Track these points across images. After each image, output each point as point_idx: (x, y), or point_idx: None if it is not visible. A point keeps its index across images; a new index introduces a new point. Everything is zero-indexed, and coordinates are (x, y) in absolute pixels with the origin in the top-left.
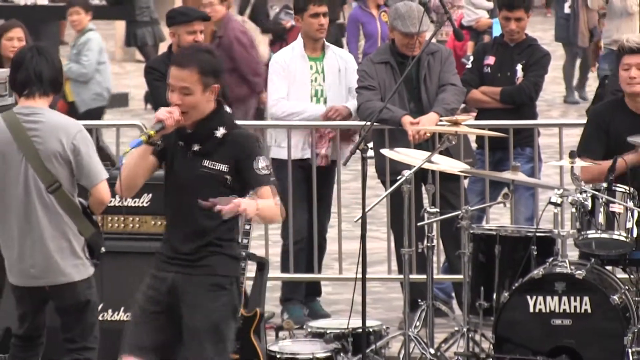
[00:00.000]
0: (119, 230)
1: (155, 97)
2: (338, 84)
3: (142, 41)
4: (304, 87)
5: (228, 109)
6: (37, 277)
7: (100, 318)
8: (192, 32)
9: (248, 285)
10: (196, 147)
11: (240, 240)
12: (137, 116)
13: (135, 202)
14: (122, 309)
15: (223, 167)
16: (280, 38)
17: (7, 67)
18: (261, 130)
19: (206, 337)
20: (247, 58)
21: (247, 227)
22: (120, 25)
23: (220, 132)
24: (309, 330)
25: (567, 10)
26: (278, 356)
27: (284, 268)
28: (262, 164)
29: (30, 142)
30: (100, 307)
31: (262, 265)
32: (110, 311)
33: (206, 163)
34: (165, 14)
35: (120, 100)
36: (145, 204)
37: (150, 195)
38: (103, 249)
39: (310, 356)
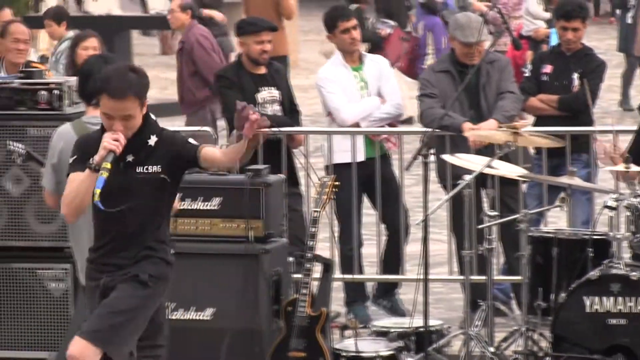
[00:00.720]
0: (190, 232)
1: (225, 104)
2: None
3: None
4: (354, 95)
5: (152, 116)
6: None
7: (171, 317)
8: (260, 42)
9: (314, 286)
10: (130, 158)
11: (306, 242)
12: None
13: (206, 205)
14: (192, 308)
15: (156, 168)
16: (377, 46)
17: None
18: (327, 135)
19: (104, 306)
20: (207, 61)
21: (313, 229)
22: None
23: (153, 140)
24: (373, 329)
25: (629, 20)
26: (343, 354)
27: (345, 270)
28: (190, 140)
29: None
30: (172, 307)
31: (328, 266)
32: (181, 310)
33: (139, 169)
34: (234, 24)
35: None
36: (215, 207)
37: (221, 198)
38: (173, 251)
39: (374, 354)
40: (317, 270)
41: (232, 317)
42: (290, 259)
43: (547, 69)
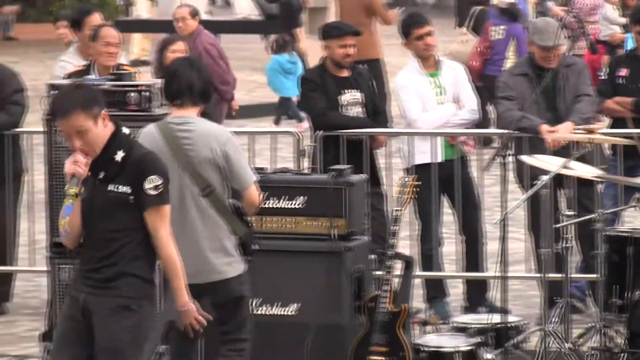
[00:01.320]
0: (275, 230)
1: (309, 107)
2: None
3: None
4: (430, 101)
5: (125, 130)
6: (192, 275)
7: (256, 312)
8: (344, 46)
9: (395, 283)
10: (101, 175)
11: (387, 240)
12: (292, 124)
13: (290, 204)
14: (277, 304)
15: (126, 189)
16: None
17: None
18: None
19: (103, 353)
20: (215, 68)
21: (394, 228)
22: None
23: (119, 155)
24: (453, 325)
25: None
26: (423, 349)
27: (425, 267)
28: (150, 185)
29: (183, 149)
30: (257, 302)
31: (409, 263)
32: (266, 306)
33: (111, 187)
34: (318, 28)
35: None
36: (299, 206)
37: (305, 197)
38: (256, 247)
39: (454, 349)
40: (398, 267)
41: (316, 313)
42: (372, 256)
43: (623, 72)
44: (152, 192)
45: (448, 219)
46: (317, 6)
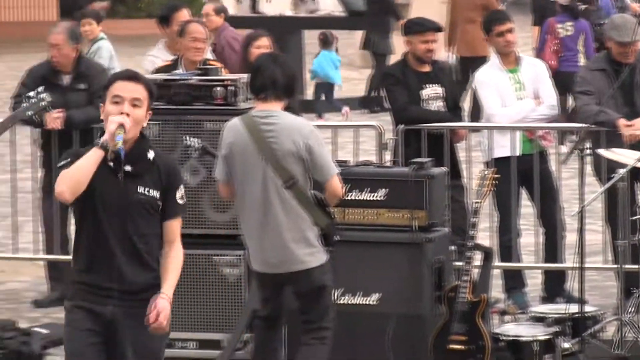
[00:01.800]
0: (358, 221)
1: (391, 100)
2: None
3: (377, 48)
4: (510, 97)
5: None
6: (275, 265)
7: (338, 302)
8: (426, 42)
9: (475, 273)
10: (128, 168)
11: (467, 232)
12: (375, 118)
13: (372, 196)
14: (359, 293)
15: (156, 194)
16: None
17: None
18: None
19: None
20: (237, 63)
21: (474, 219)
22: (359, 35)
23: (151, 154)
24: (531, 314)
25: None
26: (502, 338)
27: (504, 258)
28: (180, 194)
29: (267, 142)
30: (340, 292)
31: (488, 254)
32: (348, 295)
33: (141, 189)
34: (401, 24)
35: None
36: (381, 198)
37: (386, 190)
38: (338, 238)
39: (532, 338)
40: (477, 258)
41: (397, 302)
42: (452, 247)
43: None
44: (181, 202)
45: (526, 211)
46: (400, 2)
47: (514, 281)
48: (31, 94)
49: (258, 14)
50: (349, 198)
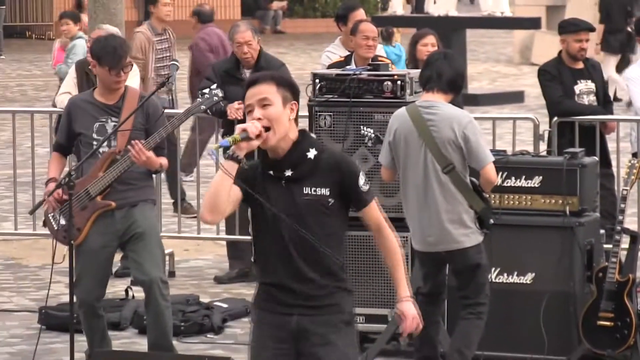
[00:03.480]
0: (514, 206)
1: (547, 95)
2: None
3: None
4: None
5: (312, 134)
6: (433, 244)
7: (495, 280)
8: (579, 40)
9: (622, 255)
10: (289, 173)
11: (616, 216)
12: (531, 111)
13: (527, 183)
14: (514, 273)
15: (325, 191)
16: None
17: None
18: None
19: None
20: (202, 61)
21: (622, 205)
22: (518, 34)
23: (312, 153)
24: None
25: None
26: None
27: None
28: (362, 180)
29: (428, 130)
30: (496, 272)
31: (635, 238)
32: (504, 275)
33: (307, 190)
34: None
35: (516, 98)
36: (536, 185)
37: (541, 177)
38: (492, 221)
39: None
40: (625, 241)
41: (550, 281)
42: (602, 231)
43: None
44: (366, 188)
45: None
46: (556, 4)
47: None
48: (205, 90)
49: (424, 14)
50: (506, 185)
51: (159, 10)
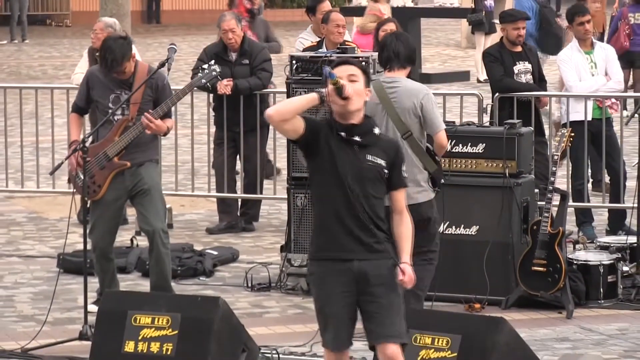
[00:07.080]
0: (461, 169)
1: (490, 74)
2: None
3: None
4: (585, 73)
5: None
6: None
7: (445, 232)
8: (517, 28)
9: (553, 211)
10: (357, 138)
11: (548, 178)
12: (476, 88)
13: (473, 149)
14: (462, 225)
15: (383, 162)
16: None
17: None
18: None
19: (398, 311)
20: None
21: (554, 168)
22: (465, 22)
23: (377, 130)
24: (598, 244)
25: None
26: (575, 262)
27: (576, 199)
28: (404, 167)
29: (390, 101)
30: (446, 225)
31: (564, 196)
32: (453, 227)
33: (370, 157)
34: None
35: (463, 76)
36: (480, 151)
37: (484, 144)
38: (443, 181)
39: (598, 263)
40: (556, 199)
41: (492, 233)
42: (536, 190)
43: None
44: (405, 174)
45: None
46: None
47: (585, 217)
48: (205, 66)
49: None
50: (455, 151)
51: None
